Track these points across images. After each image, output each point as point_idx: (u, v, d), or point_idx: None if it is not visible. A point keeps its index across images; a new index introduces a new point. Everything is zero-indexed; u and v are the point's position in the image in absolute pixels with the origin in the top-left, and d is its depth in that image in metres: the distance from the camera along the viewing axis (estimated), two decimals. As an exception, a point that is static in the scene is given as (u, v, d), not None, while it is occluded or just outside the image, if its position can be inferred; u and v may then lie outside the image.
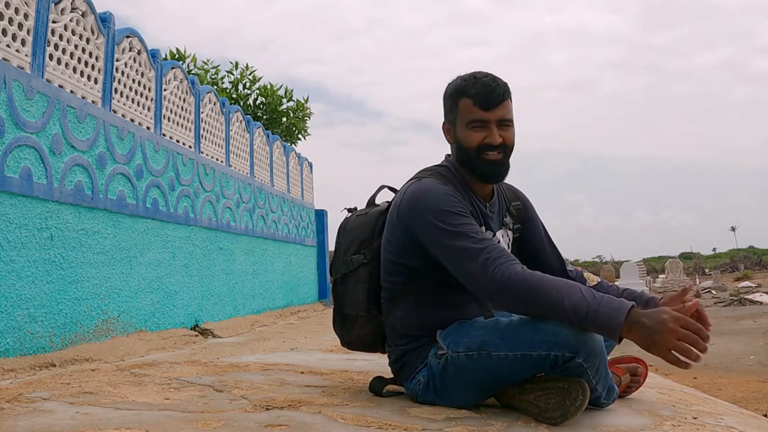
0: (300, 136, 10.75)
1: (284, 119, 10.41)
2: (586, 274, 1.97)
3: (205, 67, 10.04)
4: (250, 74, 10.33)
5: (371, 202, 1.97)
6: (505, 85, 1.72)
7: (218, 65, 10.22)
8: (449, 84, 1.77)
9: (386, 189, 1.96)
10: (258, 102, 10.35)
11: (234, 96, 10.11)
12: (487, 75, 1.72)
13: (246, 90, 10.36)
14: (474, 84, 1.70)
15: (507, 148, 1.71)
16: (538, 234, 1.95)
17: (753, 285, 19.68)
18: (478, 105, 1.68)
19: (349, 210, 2.00)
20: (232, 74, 10.34)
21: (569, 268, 1.95)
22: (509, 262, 1.53)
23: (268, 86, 10.31)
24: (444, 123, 1.81)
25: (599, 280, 1.98)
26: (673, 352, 1.32)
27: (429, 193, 1.67)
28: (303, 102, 10.55)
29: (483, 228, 1.75)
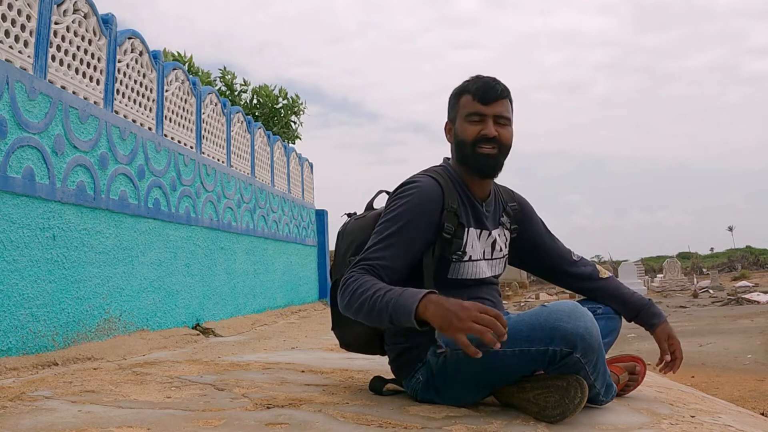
0: (296, 137, 10.92)
1: (282, 115, 10.56)
2: (598, 266, 2.00)
3: (199, 74, 10.15)
4: (240, 80, 10.59)
5: (369, 207, 2.00)
6: (506, 86, 1.78)
7: (209, 71, 10.35)
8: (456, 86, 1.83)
9: (384, 193, 1.98)
10: (254, 102, 10.51)
11: (231, 98, 10.26)
12: (489, 76, 1.78)
13: (240, 88, 10.52)
14: (476, 81, 1.77)
15: (502, 144, 1.75)
16: (538, 231, 1.99)
17: (750, 284, 19.66)
18: (477, 99, 1.74)
19: (349, 215, 2.03)
20: (225, 79, 10.50)
21: (575, 258, 1.99)
22: (355, 269, 1.62)
23: (262, 86, 10.52)
24: (446, 123, 1.85)
25: (610, 274, 2.01)
26: (464, 334, 1.34)
27: (411, 188, 1.73)
28: (296, 98, 10.76)
29: (473, 229, 1.78)
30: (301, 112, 10.91)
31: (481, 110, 1.73)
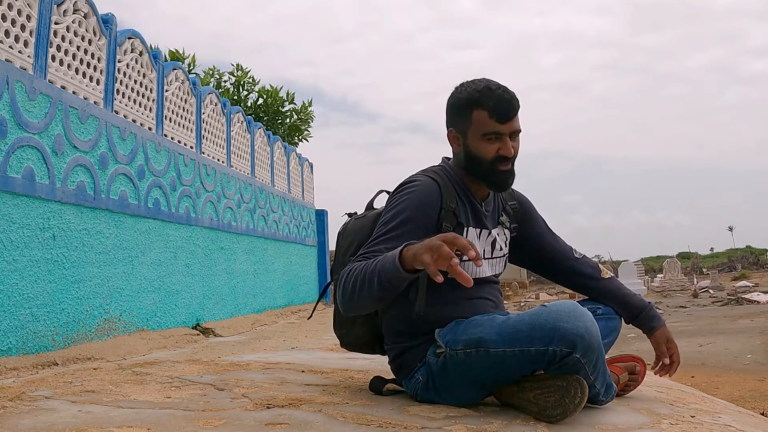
0: (303, 139, 10.93)
1: (287, 120, 10.55)
2: (601, 266, 2.00)
3: (212, 72, 10.16)
4: (249, 78, 10.49)
5: (370, 206, 2.00)
6: (517, 97, 1.74)
7: (222, 72, 10.34)
8: (457, 92, 1.77)
9: (384, 193, 1.98)
10: (259, 103, 10.47)
11: (236, 98, 10.23)
12: (500, 86, 1.73)
13: (245, 91, 10.49)
14: (490, 96, 1.70)
15: (515, 158, 1.75)
16: (539, 229, 1.99)
17: (750, 284, 19.61)
18: (494, 118, 1.69)
19: (349, 215, 2.03)
20: (234, 76, 10.44)
21: (577, 255, 1.99)
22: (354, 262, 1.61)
23: (269, 88, 10.45)
24: (450, 131, 1.80)
25: (612, 275, 2.01)
26: (429, 254, 1.34)
27: (410, 187, 1.73)
28: (306, 105, 10.77)
29: (472, 228, 1.79)
30: (311, 120, 10.97)
31: (499, 129, 1.70)
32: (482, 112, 1.70)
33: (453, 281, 1.75)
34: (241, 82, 10.42)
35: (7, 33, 2.82)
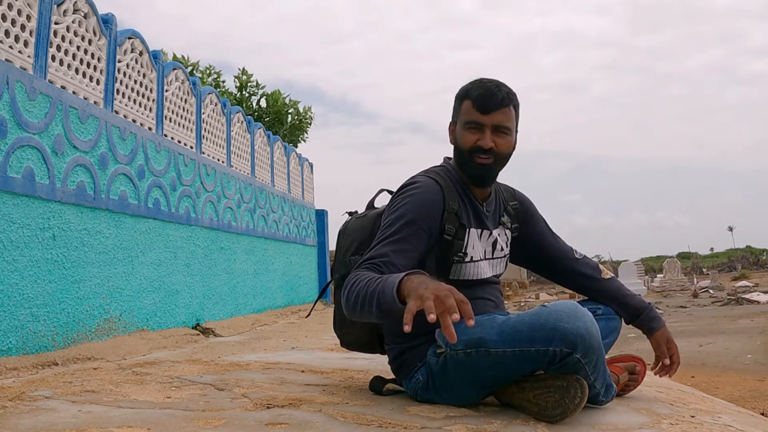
0: (300, 138, 11.04)
1: (288, 119, 10.65)
2: (601, 266, 2.00)
3: (209, 71, 10.20)
4: (252, 81, 10.63)
5: (370, 205, 2.00)
6: (510, 93, 1.73)
7: (220, 70, 10.39)
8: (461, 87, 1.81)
9: (385, 192, 1.98)
10: (263, 106, 10.62)
11: (238, 97, 10.33)
12: (492, 81, 1.75)
13: (246, 92, 10.58)
14: (478, 87, 1.74)
15: (498, 155, 1.73)
16: (540, 229, 1.99)
17: (750, 284, 19.61)
18: (476, 107, 1.72)
19: (350, 213, 2.03)
20: (239, 79, 10.56)
21: (577, 256, 1.98)
22: (358, 269, 1.59)
23: (274, 91, 10.62)
24: (450, 123, 1.85)
25: (612, 275, 2.01)
26: (417, 303, 1.28)
27: (413, 188, 1.72)
28: (307, 109, 10.93)
29: (473, 228, 1.79)
30: (311, 122, 11.12)
31: (479, 119, 1.71)
32: (468, 102, 1.74)
33: (454, 283, 1.75)
34: (245, 85, 10.52)
35: (7, 33, 2.82)
